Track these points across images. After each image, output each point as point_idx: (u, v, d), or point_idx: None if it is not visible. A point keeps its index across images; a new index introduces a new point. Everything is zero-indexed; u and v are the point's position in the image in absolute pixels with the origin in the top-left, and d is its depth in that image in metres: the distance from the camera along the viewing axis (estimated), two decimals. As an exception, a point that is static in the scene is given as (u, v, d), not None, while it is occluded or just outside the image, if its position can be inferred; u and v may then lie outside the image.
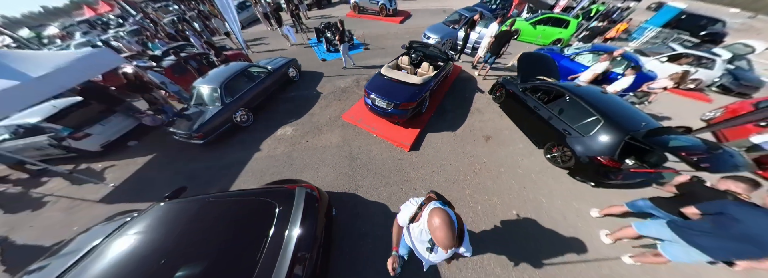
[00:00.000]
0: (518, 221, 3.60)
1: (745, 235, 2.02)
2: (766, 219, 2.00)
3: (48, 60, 4.38)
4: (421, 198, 1.83)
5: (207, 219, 2.52)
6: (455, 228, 1.40)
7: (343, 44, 7.64)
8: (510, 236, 3.42)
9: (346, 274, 3.00)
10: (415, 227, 1.75)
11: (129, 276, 2.02)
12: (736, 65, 8.75)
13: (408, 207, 1.81)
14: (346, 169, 4.53)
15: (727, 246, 2.13)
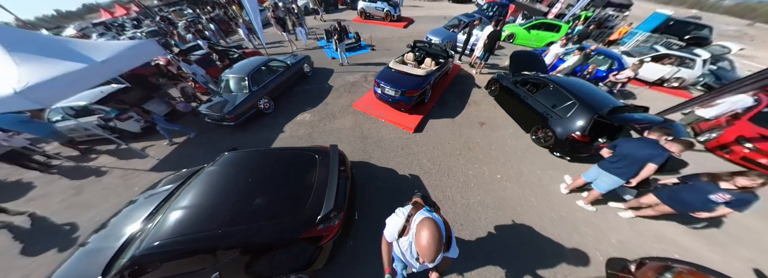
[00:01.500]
0: (500, 181, 4.45)
1: (622, 154, 3.20)
2: (632, 143, 3.20)
3: (107, 48, 5.25)
4: (407, 208, 1.78)
5: (268, 164, 3.37)
6: (443, 240, 1.38)
7: (340, 43, 8.73)
8: (491, 190, 4.28)
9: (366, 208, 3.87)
10: (404, 240, 1.69)
11: (222, 196, 2.86)
12: (718, 66, 9.60)
13: (394, 220, 1.76)
14: (360, 146, 5.36)
15: (618, 164, 3.23)
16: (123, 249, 2.52)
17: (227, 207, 2.69)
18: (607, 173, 3.36)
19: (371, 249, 3.38)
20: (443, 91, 7.44)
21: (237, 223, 2.54)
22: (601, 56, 7.91)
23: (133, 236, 2.66)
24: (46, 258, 3.67)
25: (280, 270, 2.56)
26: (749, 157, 5.03)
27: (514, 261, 3.23)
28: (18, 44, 4.24)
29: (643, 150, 3.02)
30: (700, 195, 2.85)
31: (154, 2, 23.07)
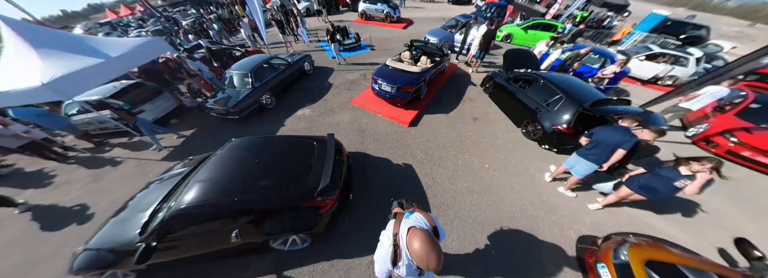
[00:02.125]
0: (488, 170, 4.79)
1: (595, 141, 3.50)
2: (605, 130, 3.47)
3: (120, 44, 5.68)
4: (390, 229, 1.73)
5: (272, 147, 3.80)
6: (438, 246, 1.38)
7: (333, 43, 9.20)
8: (479, 178, 4.63)
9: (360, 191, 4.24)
10: (401, 266, 1.59)
11: (233, 172, 3.30)
12: (713, 65, 9.88)
13: (381, 252, 1.71)
14: (357, 138, 5.72)
15: (592, 151, 3.54)
16: (154, 215, 3.06)
17: (239, 181, 3.15)
18: (584, 159, 3.69)
19: (363, 225, 3.80)
20: (440, 89, 7.79)
21: (249, 193, 3.01)
22: (595, 55, 8.23)
23: (160, 205, 3.19)
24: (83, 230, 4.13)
25: (287, 230, 3.07)
26: (733, 151, 5.26)
27: (493, 236, 3.58)
28: (42, 40, 4.66)
29: (614, 137, 3.34)
30: (666, 182, 3.11)
31: (159, 2, 23.65)
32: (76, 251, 2.96)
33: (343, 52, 10.90)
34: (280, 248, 3.33)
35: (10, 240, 4.14)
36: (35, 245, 3.97)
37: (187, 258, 3.04)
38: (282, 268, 3.32)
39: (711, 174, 2.73)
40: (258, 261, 3.38)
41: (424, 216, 1.72)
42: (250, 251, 3.32)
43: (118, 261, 2.84)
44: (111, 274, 2.96)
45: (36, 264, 3.66)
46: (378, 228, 3.31)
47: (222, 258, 3.27)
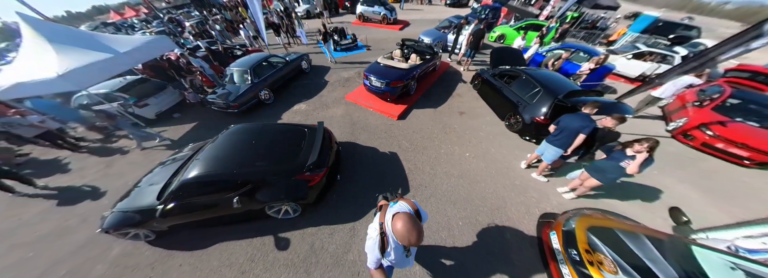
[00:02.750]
0: (468, 158, 5.19)
1: (561, 128, 3.84)
2: (569, 117, 3.80)
3: (127, 41, 6.13)
4: (376, 223, 1.87)
5: (267, 132, 4.29)
6: (420, 223, 1.54)
7: (326, 43, 9.75)
8: (458, 165, 5.03)
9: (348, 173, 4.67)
10: (390, 251, 1.75)
11: (233, 151, 3.79)
12: None
13: (369, 243, 1.82)
14: (348, 129, 6.14)
15: (558, 137, 3.87)
16: (167, 185, 3.64)
17: (238, 157, 3.67)
18: (551, 145, 4.05)
19: (349, 201, 4.26)
20: (430, 86, 8.21)
21: (246, 167, 3.52)
22: (584, 54, 8.61)
23: (172, 179, 3.76)
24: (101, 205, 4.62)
25: (280, 199, 3.57)
26: (708, 143, 5.57)
27: (462, 211, 4.00)
28: (56, 36, 5.12)
29: (576, 123, 3.71)
30: (614, 164, 3.41)
31: (163, 5, 24.33)
32: (104, 214, 3.50)
33: (341, 52, 11.41)
34: (274, 216, 3.82)
35: (40, 212, 4.68)
36: (61, 218, 4.49)
37: (198, 222, 3.61)
38: (277, 232, 3.81)
39: (648, 153, 3.08)
40: (257, 227, 3.87)
41: (407, 202, 1.89)
42: (251, 218, 3.84)
43: (140, 221, 3.39)
44: (134, 235, 3.56)
45: (65, 231, 4.20)
46: (362, 204, 3.95)
47: (226, 224, 3.82)
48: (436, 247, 3.46)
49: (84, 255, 3.74)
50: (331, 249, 3.53)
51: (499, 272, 3.18)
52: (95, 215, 4.23)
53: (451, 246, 3.49)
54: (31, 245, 4.01)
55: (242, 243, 3.70)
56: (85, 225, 4.23)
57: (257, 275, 3.30)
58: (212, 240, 3.75)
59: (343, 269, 3.28)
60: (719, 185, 4.78)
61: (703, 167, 5.30)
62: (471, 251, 3.44)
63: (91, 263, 3.61)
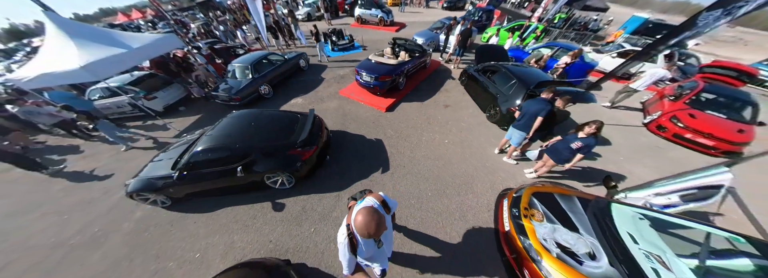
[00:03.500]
0: (446, 144, 5.74)
1: (523, 112, 4.34)
2: (530, 102, 4.29)
3: (139, 39, 6.75)
4: (343, 226, 1.85)
5: (265, 116, 4.93)
6: (378, 214, 1.54)
7: (318, 42, 10.53)
8: (436, 149, 5.58)
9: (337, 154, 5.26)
10: (363, 249, 1.79)
11: (235, 130, 4.45)
12: (686, 62, 10.71)
13: (340, 248, 1.81)
14: (340, 120, 6.73)
15: (521, 121, 4.36)
16: (180, 157, 4.31)
17: (239, 135, 4.36)
18: (516, 129, 4.56)
19: (335, 176, 4.89)
20: (420, 82, 8.78)
21: (247, 142, 4.20)
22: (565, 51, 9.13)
23: (184, 154, 4.38)
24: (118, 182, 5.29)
25: (277, 169, 4.24)
26: (679, 133, 5.99)
27: (433, 185, 4.57)
28: (76, 33, 5.76)
29: (535, 107, 4.20)
30: (566, 145, 3.89)
31: (169, 7, 25.25)
32: (127, 182, 4.23)
33: (338, 52, 12.08)
34: (272, 186, 4.50)
35: (63, 189, 5.38)
36: (85, 192, 5.20)
37: (208, 191, 4.35)
38: (274, 199, 4.47)
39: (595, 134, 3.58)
40: (258, 196, 4.53)
41: (373, 196, 1.96)
42: (252, 189, 4.51)
43: (159, 187, 4.09)
44: (152, 200, 4.30)
45: (90, 201, 4.93)
46: (347, 179, 4.69)
47: (232, 193, 4.51)
48: (407, 211, 4.06)
49: (111, 217, 4.47)
50: (319, 209, 4.20)
51: (454, 227, 3.80)
52: (115, 189, 4.93)
53: (418, 208, 4.10)
54: (62, 212, 4.71)
55: (245, 207, 4.37)
56: (107, 196, 4.92)
57: (258, 227, 3.98)
58: (220, 206, 4.42)
59: (328, 222, 3.99)
60: (674, 168, 5.26)
61: (671, 155, 5.77)
62: (434, 212, 4.05)
63: (119, 222, 4.36)
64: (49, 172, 5.80)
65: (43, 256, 3.89)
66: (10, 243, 4.20)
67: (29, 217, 4.67)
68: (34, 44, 29.20)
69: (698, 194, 2.96)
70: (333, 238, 3.69)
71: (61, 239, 4.14)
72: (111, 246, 3.96)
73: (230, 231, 3.97)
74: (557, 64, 7.68)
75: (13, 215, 4.78)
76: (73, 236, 4.18)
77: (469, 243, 3.57)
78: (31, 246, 4.09)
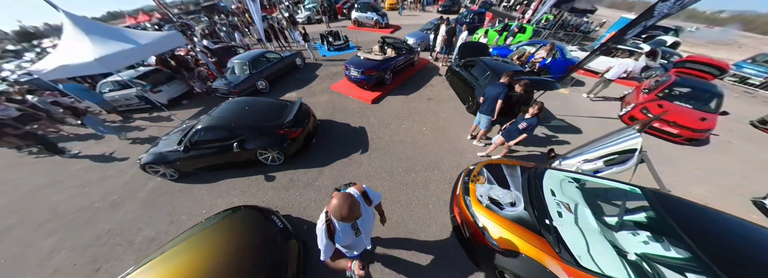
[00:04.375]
0: (423, 131, 6.31)
1: (485, 97, 4.80)
2: (490, 88, 4.74)
3: (146, 36, 7.42)
4: (322, 213, 1.85)
5: (258, 102, 5.59)
6: (352, 200, 1.56)
7: (307, 43, 11.51)
8: (413, 135, 6.15)
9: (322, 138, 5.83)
10: (340, 235, 1.83)
11: (231, 113, 5.10)
12: (669, 61, 11.20)
13: (319, 234, 1.82)
14: (329, 111, 7.34)
15: (485, 106, 4.84)
16: (185, 136, 4.88)
17: (235, 116, 5.02)
18: (482, 114, 5.08)
19: (320, 155, 5.51)
20: (408, 78, 9.38)
21: (242, 122, 4.85)
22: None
23: (187, 134, 4.93)
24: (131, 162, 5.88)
25: (268, 146, 4.90)
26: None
27: (404, 163, 5.15)
28: (91, 30, 6.41)
29: (494, 91, 4.71)
30: (515, 126, 4.40)
31: (175, 11, 26.24)
32: (140, 157, 4.96)
33: (334, 51, 12.79)
34: (264, 162, 5.17)
35: (82, 168, 6.11)
36: (101, 171, 5.91)
37: (209, 166, 5.07)
38: (266, 173, 5.14)
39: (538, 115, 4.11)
40: (252, 171, 5.20)
41: (355, 187, 1.99)
42: (247, 165, 5.19)
43: (167, 161, 4.81)
44: (162, 173, 5.00)
45: (107, 177, 5.66)
46: (330, 158, 5.37)
47: (230, 168, 5.19)
48: (378, 182, 4.67)
49: (127, 189, 5.21)
50: (304, 180, 4.88)
51: (415, 194, 4.43)
52: (128, 168, 5.67)
53: (388, 180, 4.72)
54: (83, 186, 5.44)
55: (242, 179, 5.05)
56: (121, 174, 5.64)
57: (253, 193, 4.70)
58: (220, 178, 5.12)
59: (311, 188, 4.71)
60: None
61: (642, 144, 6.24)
62: (401, 183, 4.67)
63: (134, 192, 5.09)
64: (67, 155, 6.51)
65: (74, 217, 4.65)
66: (41, 209, 4.94)
67: (53, 190, 5.42)
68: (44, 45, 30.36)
69: (618, 158, 3.49)
70: (314, 199, 4.43)
71: (86, 205, 4.90)
72: (130, 208, 4.71)
73: (230, 195, 4.68)
74: (533, 59, 8.24)
75: (40, 188, 5.55)
76: (96, 202, 4.94)
77: (426, 205, 4.20)
78: (60, 211, 4.82)
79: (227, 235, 2.99)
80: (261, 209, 3.51)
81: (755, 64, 11.46)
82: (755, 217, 4.26)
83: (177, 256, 2.72)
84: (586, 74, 10.36)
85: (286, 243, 3.04)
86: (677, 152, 5.83)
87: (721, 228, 2.41)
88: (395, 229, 3.78)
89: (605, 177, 3.33)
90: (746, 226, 2.41)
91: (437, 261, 3.39)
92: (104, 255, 3.84)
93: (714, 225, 2.44)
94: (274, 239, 3.03)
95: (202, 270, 2.55)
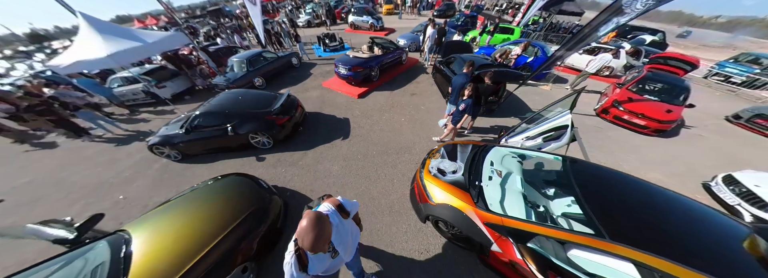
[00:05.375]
0: (402, 122, 6.89)
1: (452, 88, 5.36)
2: (455, 79, 5.33)
3: (152, 35, 8.12)
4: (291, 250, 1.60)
5: (250, 94, 6.24)
6: (323, 224, 1.43)
7: (298, 43, 12.43)
8: (391, 125, 6.73)
9: (309, 126, 6.43)
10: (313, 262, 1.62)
11: (226, 102, 5.77)
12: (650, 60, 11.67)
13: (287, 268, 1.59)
14: (318, 105, 7.97)
15: (451, 96, 5.45)
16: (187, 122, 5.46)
17: (229, 104, 5.68)
18: (451, 104, 5.66)
19: (306, 139, 6.19)
20: (396, 75, 9.99)
21: (235, 109, 5.50)
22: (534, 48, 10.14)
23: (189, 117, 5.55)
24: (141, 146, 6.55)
25: (259, 130, 5.55)
26: (618, 115, 6.83)
27: (382, 148, 5.72)
28: (103, 29, 7.11)
29: (459, 81, 5.28)
30: (458, 110, 4.94)
31: (182, 15, 27.28)
32: (148, 139, 5.66)
33: (330, 52, 13.49)
34: (256, 145, 5.79)
35: (97, 152, 6.86)
36: (112, 154, 6.63)
37: (208, 149, 5.76)
38: (257, 154, 5.77)
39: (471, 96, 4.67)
40: (245, 153, 5.83)
41: (329, 201, 1.84)
42: (241, 149, 5.84)
43: (172, 142, 5.51)
44: (167, 155, 5.73)
45: (118, 159, 6.36)
46: (313, 143, 6.13)
47: (226, 151, 5.85)
48: (353, 162, 5.26)
49: (136, 169, 5.91)
50: (290, 160, 5.53)
51: (385, 171, 5.03)
52: (137, 152, 6.39)
53: (362, 160, 5.33)
54: (97, 165, 6.19)
55: (236, 160, 5.71)
56: (131, 157, 6.35)
57: (245, 170, 5.28)
58: (218, 159, 5.78)
59: (296, 167, 5.34)
60: (606, 144, 6.14)
61: (609, 134, 6.59)
62: (373, 163, 5.28)
63: (143, 171, 5.77)
64: (82, 139, 7.30)
65: (93, 189, 5.36)
66: (64, 184, 5.66)
67: (72, 170, 6.14)
68: (54, 46, 31.57)
69: (554, 135, 4.03)
70: (297, 174, 5.12)
71: (102, 181, 5.59)
72: (141, 182, 5.40)
73: (226, 172, 5.17)
74: (511, 56, 8.82)
75: (61, 168, 6.31)
76: (110, 178, 5.64)
77: (391, 179, 4.84)
78: (80, 186, 5.53)
79: (222, 190, 3.69)
80: (251, 176, 4.18)
81: (737, 64, 11.83)
82: (700, 197, 4.64)
83: (182, 203, 3.46)
84: (567, 71, 10.89)
85: (270, 198, 3.73)
86: (647, 142, 6.27)
87: (612, 184, 2.93)
88: (360, 197, 4.39)
89: (544, 151, 3.88)
90: (638, 183, 2.90)
91: (394, 221, 3.96)
92: (125, 214, 4.53)
93: (607, 181, 2.97)
94: (259, 194, 3.69)
95: (199, 212, 3.24)
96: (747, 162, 5.56)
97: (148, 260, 2.57)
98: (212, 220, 3.07)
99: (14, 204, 5.13)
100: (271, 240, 3.44)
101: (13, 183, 5.86)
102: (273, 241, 3.50)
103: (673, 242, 2.11)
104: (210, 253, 2.69)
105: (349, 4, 24.27)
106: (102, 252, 2.65)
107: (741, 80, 11.03)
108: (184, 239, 2.81)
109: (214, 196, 3.55)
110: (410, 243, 3.59)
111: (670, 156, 5.80)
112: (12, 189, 5.64)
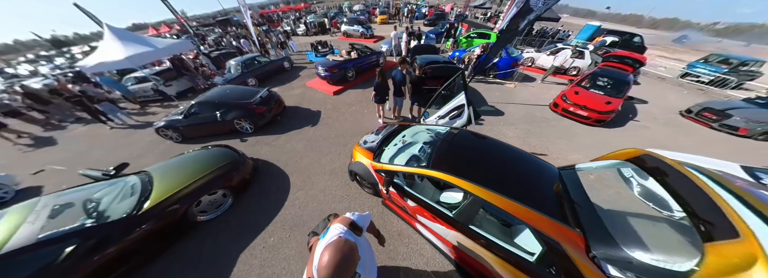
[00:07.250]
0: (365, 113, 8.18)
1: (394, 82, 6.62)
2: (393, 74, 6.61)
3: (162, 42, 9.69)
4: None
5: (237, 89, 7.71)
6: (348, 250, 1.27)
7: (284, 49, 14.22)
8: (359, 116, 8.01)
9: (287, 118, 7.73)
10: None
11: (217, 95, 7.22)
12: None
13: None
14: (298, 100, 9.37)
15: (393, 89, 6.68)
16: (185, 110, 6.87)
17: (219, 97, 7.06)
18: (394, 96, 6.93)
19: (286, 125, 7.50)
20: (372, 76, 11.24)
21: (223, 100, 6.91)
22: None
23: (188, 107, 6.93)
24: (150, 132, 7.91)
25: (242, 116, 6.87)
26: (566, 108, 7.57)
27: (341, 132, 7.00)
28: (122, 36, 8.68)
29: (397, 77, 6.55)
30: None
31: (194, 24, 29.48)
32: (155, 123, 7.06)
33: (321, 57, 14.91)
34: (239, 129, 7.09)
35: (116, 138, 8.23)
36: (127, 140, 8.01)
37: (202, 133, 7.06)
38: (241, 137, 7.05)
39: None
40: (232, 136, 7.06)
41: (338, 222, 1.64)
42: (229, 133, 7.11)
43: (175, 126, 6.81)
44: (170, 136, 7.04)
45: (133, 144, 7.66)
46: (287, 129, 7.52)
47: (217, 134, 7.11)
48: (314, 142, 6.56)
49: (145, 149, 7.22)
50: (266, 141, 6.83)
51: (337, 148, 6.26)
52: (147, 137, 7.74)
53: (322, 142, 6.65)
54: (114, 148, 7.60)
55: (224, 141, 6.80)
56: (143, 143, 7.64)
57: None
58: (209, 141, 6.88)
59: (271, 146, 6.55)
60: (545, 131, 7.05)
61: (553, 124, 7.29)
62: (329, 142, 6.60)
63: (151, 149, 7.09)
64: (109, 127, 8.84)
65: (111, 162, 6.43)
66: (86, 160, 7.05)
67: (93, 152, 7.57)
68: (74, 51, 34.15)
69: (456, 113, 5.25)
70: (269, 150, 6.39)
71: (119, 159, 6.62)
72: (149, 159, 6.61)
73: None
74: (470, 56, 10.11)
75: (84, 151, 7.68)
76: (124, 155, 6.93)
77: (339, 153, 6.10)
78: (100, 162, 6.80)
79: (209, 152, 5.15)
80: (232, 147, 5.58)
81: (707, 64, 12.58)
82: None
83: (182, 157, 5.00)
84: (534, 70, 12.13)
85: (244, 160, 5.16)
86: (587, 132, 7.02)
87: (468, 142, 4.07)
88: (312, 166, 5.70)
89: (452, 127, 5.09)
90: (490, 142, 4.01)
91: (331, 179, 5.26)
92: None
93: (466, 141, 4.10)
94: (236, 156, 5.09)
95: (193, 162, 4.73)
96: (667, 147, 6.07)
97: (160, 184, 4.10)
98: (202, 165, 4.58)
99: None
100: (243, 185, 4.91)
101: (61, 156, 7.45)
102: (245, 186, 4.96)
103: (483, 173, 3.05)
104: (198, 181, 4.21)
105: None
106: (134, 179, 4.25)
107: (708, 79, 11.80)
108: (183, 175, 4.31)
109: (204, 155, 4.99)
110: (338, 191, 4.94)
111: (601, 142, 6.41)
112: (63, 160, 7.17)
